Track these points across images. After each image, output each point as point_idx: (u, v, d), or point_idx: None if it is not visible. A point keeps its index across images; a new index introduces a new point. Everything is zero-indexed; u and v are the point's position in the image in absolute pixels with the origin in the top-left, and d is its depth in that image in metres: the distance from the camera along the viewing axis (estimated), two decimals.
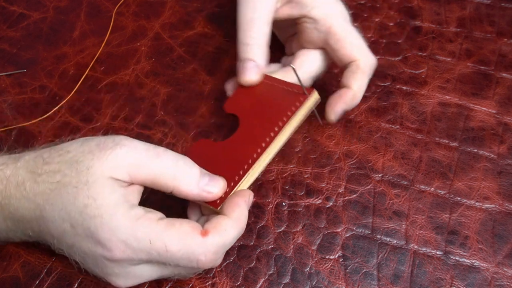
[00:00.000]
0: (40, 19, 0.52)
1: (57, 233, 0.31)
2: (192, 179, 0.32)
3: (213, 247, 0.31)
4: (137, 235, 0.30)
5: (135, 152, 0.31)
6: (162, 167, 0.32)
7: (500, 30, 0.50)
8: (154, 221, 0.30)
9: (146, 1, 0.53)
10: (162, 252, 0.30)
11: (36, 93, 0.47)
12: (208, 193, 0.33)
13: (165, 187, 0.32)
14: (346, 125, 0.44)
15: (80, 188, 0.30)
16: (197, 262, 0.31)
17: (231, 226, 0.32)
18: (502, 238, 0.38)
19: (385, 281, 0.37)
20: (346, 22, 0.41)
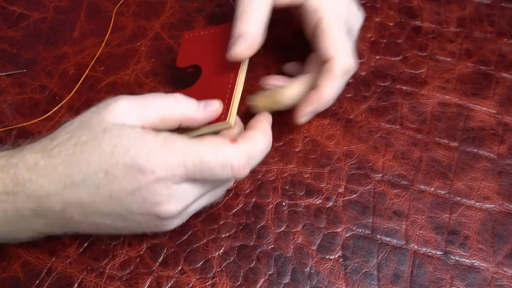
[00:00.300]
0: (40, 19, 0.52)
1: (90, 194, 0.31)
2: (193, 105, 0.35)
3: (245, 151, 0.33)
4: (171, 152, 0.31)
5: (135, 99, 0.33)
6: (165, 103, 0.34)
7: (500, 30, 0.50)
8: (184, 138, 0.32)
9: (146, 1, 0.53)
10: (197, 162, 0.31)
11: (36, 93, 0.47)
12: (212, 111, 0.35)
13: (173, 120, 0.34)
14: (346, 125, 0.44)
15: (101, 137, 0.31)
16: (231, 168, 0.32)
17: (258, 135, 0.34)
18: (502, 238, 0.38)
19: (385, 281, 0.37)
20: (338, 19, 0.39)
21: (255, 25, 0.38)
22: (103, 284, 0.36)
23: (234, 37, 0.38)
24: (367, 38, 0.50)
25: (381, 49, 0.49)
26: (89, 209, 0.32)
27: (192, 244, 0.38)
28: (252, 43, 0.38)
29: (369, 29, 0.51)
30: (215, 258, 0.38)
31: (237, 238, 0.39)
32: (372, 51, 0.49)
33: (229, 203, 0.40)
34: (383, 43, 0.50)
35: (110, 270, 0.37)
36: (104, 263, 0.37)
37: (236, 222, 0.39)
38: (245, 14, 0.38)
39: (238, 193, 0.41)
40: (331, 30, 0.38)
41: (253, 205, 0.40)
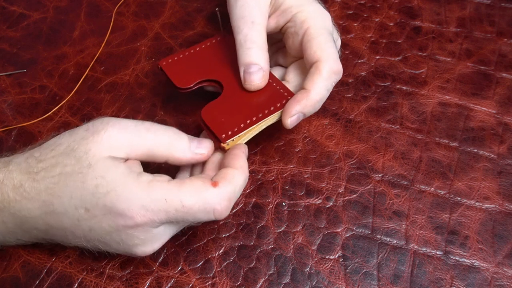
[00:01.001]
0: (40, 19, 0.52)
1: (71, 224, 0.32)
2: (184, 144, 0.34)
3: (226, 194, 0.32)
4: (152, 197, 0.31)
5: (126, 130, 0.33)
6: (155, 139, 0.33)
7: (500, 30, 0.50)
8: (165, 182, 0.32)
9: (146, 1, 0.53)
10: (179, 208, 0.31)
11: (36, 93, 0.47)
12: (200, 154, 0.35)
13: (160, 157, 0.34)
14: (346, 125, 0.44)
15: (85, 172, 0.31)
16: (213, 212, 0.32)
17: (237, 174, 0.34)
18: (502, 238, 0.38)
19: (385, 281, 0.37)
20: (324, 29, 0.39)
21: (262, 51, 0.39)
22: (103, 284, 0.36)
23: (246, 67, 0.39)
24: (367, 38, 0.50)
25: (381, 49, 0.49)
26: (70, 234, 0.33)
27: (192, 244, 0.38)
28: (265, 72, 0.39)
29: (369, 29, 0.51)
30: (215, 258, 0.38)
31: (237, 238, 0.39)
32: (372, 51, 0.49)
33: None
34: (383, 43, 0.50)
35: (110, 270, 0.37)
36: (104, 263, 0.37)
37: (236, 222, 0.39)
38: (248, 42, 0.38)
39: None
40: (319, 36, 0.39)
41: (253, 205, 0.40)
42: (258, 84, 0.39)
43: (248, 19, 0.39)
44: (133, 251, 0.33)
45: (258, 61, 0.39)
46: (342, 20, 0.51)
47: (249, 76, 0.39)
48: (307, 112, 0.38)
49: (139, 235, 0.32)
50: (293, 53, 0.41)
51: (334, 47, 0.39)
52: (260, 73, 0.39)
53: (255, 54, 0.39)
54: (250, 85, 0.39)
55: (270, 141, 0.43)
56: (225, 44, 0.43)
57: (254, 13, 0.39)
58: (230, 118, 0.38)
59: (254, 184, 0.41)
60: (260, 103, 0.39)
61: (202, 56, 0.43)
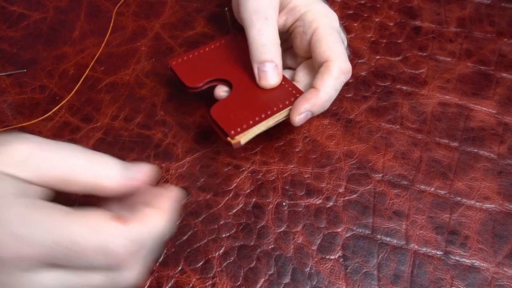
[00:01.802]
0: (40, 19, 0.52)
1: None
2: (114, 169, 0.27)
3: (134, 236, 0.25)
4: (34, 224, 0.23)
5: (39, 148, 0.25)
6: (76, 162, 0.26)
7: (500, 30, 0.50)
8: (58, 210, 0.24)
9: (146, 1, 0.53)
10: (69, 245, 0.23)
11: (36, 93, 0.47)
12: (135, 180, 0.27)
13: (82, 184, 0.26)
14: (346, 125, 0.44)
15: None
16: (115, 256, 0.24)
17: (158, 216, 0.27)
18: (502, 238, 0.38)
19: (385, 281, 0.37)
20: (332, 28, 0.39)
21: (276, 48, 0.38)
22: None
23: (261, 65, 0.38)
24: (367, 38, 0.50)
25: (381, 49, 0.49)
26: None
27: (192, 244, 0.38)
28: (280, 69, 0.39)
29: (369, 29, 0.51)
30: (215, 258, 0.38)
31: (237, 238, 0.39)
32: (372, 51, 0.49)
33: (229, 203, 0.40)
34: (383, 43, 0.50)
35: None
36: None
37: (236, 222, 0.39)
38: (261, 38, 0.38)
39: (238, 193, 0.41)
40: (328, 36, 0.39)
41: (253, 205, 0.40)
42: (273, 82, 0.39)
43: (262, 14, 0.38)
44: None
45: (273, 58, 0.38)
46: (342, 20, 0.51)
47: (265, 74, 0.38)
48: (316, 110, 0.38)
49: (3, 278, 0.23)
50: (301, 53, 0.41)
51: (343, 46, 0.39)
52: (275, 71, 0.39)
53: (270, 51, 0.38)
54: (265, 83, 0.39)
55: (270, 141, 0.43)
56: (234, 44, 0.43)
57: (268, 9, 0.39)
58: (239, 115, 0.38)
59: (254, 184, 0.41)
60: (269, 101, 0.39)
61: (211, 56, 0.43)
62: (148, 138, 0.44)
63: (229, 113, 0.38)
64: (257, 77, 0.39)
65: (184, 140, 0.44)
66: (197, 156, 0.43)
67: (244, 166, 0.42)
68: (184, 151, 0.43)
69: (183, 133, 0.44)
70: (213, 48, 0.43)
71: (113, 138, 0.44)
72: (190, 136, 0.44)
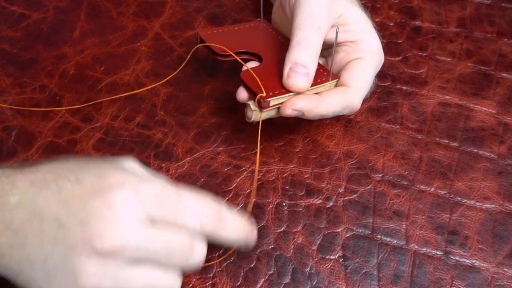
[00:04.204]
0: (40, 19, 0.52)
1: None
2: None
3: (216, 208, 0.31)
4: None
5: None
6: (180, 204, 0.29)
7: (500, 30, 0.50)
8: None
9: (146, 1, 0.53)
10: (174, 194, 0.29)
11: (36, 93, 0.47)
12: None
13: None
14: (346, 125, 0.44)
15: None
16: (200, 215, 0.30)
17: None
18: (502, 238, 0.38)
19: (385, 281, 0.37)
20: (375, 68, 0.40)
21: (315, 58, 0.38)
22: None
23: (294, 65, 0.37)
24: None
25: None
26: None
27: None
28: (310, 78, 0.37)
29: None
30: (215, 258, 0.38)
31: None
32: None
33: (229, 203, 0.40)
34: (383, 43, 0.49)
35: None
36: None
37: None
38: (306, 42, 0.37)
39: (238, 193, 0.41)
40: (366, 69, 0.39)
41: (254, 205, 0.40)
42: (300, 87, 0.37)
43: (316, 21, 0.37)
44: None
45: (309, 64, 0.37)
46: None
47: (295, 75, 0.37)
48: (307, 114, 0.37)
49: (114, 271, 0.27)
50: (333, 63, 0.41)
51: (368, 87, 0.39)
52: (306, 77, 0.37)
53: (309, 57, 0.37)
54: (292, 84, 0.37)
55: (270, 141, 0.43)
56: (263, 29, 0.43)
57: (324, 19, 0.38)
58: (269, 83, 0.37)
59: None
60: None
61: (240, 33, 0.43)
62: (148, 138, 0.44)
63: (259, 79, 0.37)
64: (285, 75, 0.37)
65: (184, 140, 0.44)
66: (197, 156, 0.43)
67: (244, 166, 0.42)
68: (184, 151, 0.43)
69: (183, 133, 0.44)
70: (242, 28, 0.43)
71: (113, 138, 0.44)
72: (190, 136, 0.44)
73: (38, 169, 0.30)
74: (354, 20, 0.40)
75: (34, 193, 0.29)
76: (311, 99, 0.37)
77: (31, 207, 0.28)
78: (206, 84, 0.47)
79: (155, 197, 0.28)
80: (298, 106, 0.37)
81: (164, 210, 0.29)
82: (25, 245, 0.28)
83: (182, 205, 0.29)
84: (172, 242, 0.29)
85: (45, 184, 0.29)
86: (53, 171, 0.30)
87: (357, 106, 0.39)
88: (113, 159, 0.31)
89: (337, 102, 0.38)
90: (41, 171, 0.30)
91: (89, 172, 0.29)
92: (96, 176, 0.29)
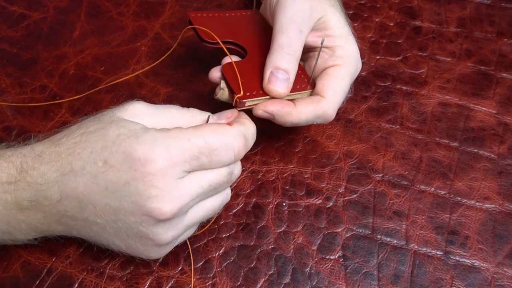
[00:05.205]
0: (40, 19, 0.52)
1: (86, 184, 0.31)
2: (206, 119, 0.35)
3: (242, 132, 0.34)
4: (175, 138, 0.31)
5: (150, 106, 0.34)
6: (179, 114, 0.34)
7: (500, 30, 0.50)
8: (184, 127, 0.33)
9: (146, 1, 0.53)
10: (203, 145, 0.31)
11: (36, 93, 0.47)
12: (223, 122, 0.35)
13: None
14: (346, 125, 0.44)
15: (108, 127, 0.32)
16: (233, 148, 0.33)
17: (248, 122, 0.35)
18: (502, 238, 0.38)
19: (385, 281, 0.37)
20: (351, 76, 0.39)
21: (296, 63, 0.38)
22: (103, 284, 0.36)
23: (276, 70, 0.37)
24: (367, 38, 0.50)
25: (381, 49, 0.49)
26: (83, 202, 0.32)
27: (192, 244, 0.38)
28: (290, 84, 0.37)
29: (369, 29, 0.51)
30: (215, 258, 0.38)
31: (237, 238, 0.39)
32: (372, 51, 0.49)
33: (230, 203, 0.40)
34: (383, 43, 0.50)
35: (110, 270, 0.37)
36: (104, 263, 0.37)
37: (236, 222, 0.39)
38: (289, 47, 0.37)
39: (238, 193, 0.41)
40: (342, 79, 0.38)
41: (254, 205, 0.40)
42: (280, 92, 0.37)
43: (298, 25, 0.37)
44: (148, 207, 0.30)
45: (290, 70, 0.37)
46: None
47: (276, 80, 0.37)
48: (278, 119, 0.37)
49: (158, 184, 0.30)
50: (306, 67, 0.41)
51: (343, 97, 0.39)
52: (286, 82, 0.37)
53: (290, 62, 0.37)
54: (272, 90, 0.37)
55: (271, 141, 0.43)
56: (254, 20, 0.43)
57: (305, 22, 0.38)
58: (249, 82, 0.37)
59: (254, 184, 0.41)
60: None
61: (232, 21, 0.42)
62: None
63: (240, 75, 0.37)
64: (266, 80, 0.37)
65: None
66: None
67: (244, 166, 0.42)
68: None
69: None
70: (234, 16, 0.43)
71: None
72: None
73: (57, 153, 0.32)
74: (332, 24, 0.39)
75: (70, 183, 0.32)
76: (285, 106, 0.37)
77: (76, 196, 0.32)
78: (206, 84, 0.47)
79: (186, 154, 0.31)
80: (270, 109, 0.37)
81: (198, 163, 0.32)
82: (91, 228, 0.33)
83: (211, 150, 0.32)
84: (214, 180, 0.33)
85: (74, 172, 0.32)
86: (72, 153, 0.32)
87: (331, 117, 0.38)
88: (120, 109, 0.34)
89: (310, 112, 0.37)
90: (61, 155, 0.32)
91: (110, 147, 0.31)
92: (122, 154, 0.31)
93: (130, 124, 0.32)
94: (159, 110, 0.34)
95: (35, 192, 0.32)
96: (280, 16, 0.38)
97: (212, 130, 0.33)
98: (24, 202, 0.32)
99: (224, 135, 0.33)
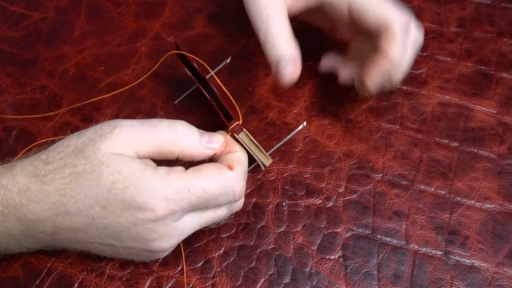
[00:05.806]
0: (40, 19, 0.52)
1: (84, 224, 0.31)
2: (194, 139, 0.34)
3: (241, 175, 0.34)
4: (174, 188, 0.31)
5: (133, 129, 0.32)
6: (163, 136, 0.33)
7: (500, 30, 0.50)
8: (183, 172, 0.32)
9: (146, 1, 0.53)
10: (202, 195, 0.32)
11: (36, 93, 0.47)
12: (212, 149, 0.35)
13: (171, 154, 0.33)
14: (346, 125, 0.44)
15: (99, 170, 0.31)
16: (233, 193, 0.33)
17: (243, 155, 0.35)
18: (502, 238, 0.38)
19: (385, 281, 0.37)
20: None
21: (286, 43, 0.36)
22: (103, 284, 0.36)
23: (275, 64, 0.36)
24: None
25: None
26: (80, 235, 0.32)
27: (192, 244, 0.38)
28: (296, 60, 0.36)
29: None
30: (215, 258, 0.38)
31: (237, 238, 0.39)
32: None
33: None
34: None
35: (110, 270, 0.37)
36: (104, 263, 0.37)
37: (236, 222, 0.39)
38: (270, 35, 0.36)
39: None
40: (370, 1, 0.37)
41: (253, 205, 0.40)
42: (291, 79, 0.36)
43: (263, 15, 0.37)
44: (149, 247, 0.32)
45: (285, 53, 0.36)
46: None
47: (281, 72, 0.36)
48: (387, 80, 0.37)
49: (158, 229, 0.31)
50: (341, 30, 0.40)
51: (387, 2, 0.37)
52: (289, 65, 0.36)
53: (279, 48, 0.36)
54: (283, 81, 0.36)
55: (271, 141, 0.43)
56: None
57: (268, 7, 0.37)
58: None
59: (254, 184, 0.41)
60: None
61: None
62: None
63: None
64: (276, 78, 0.37)
65: None
66: None
67: None
68: None
69: None
70: None
71: None
72: None
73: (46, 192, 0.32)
74: None
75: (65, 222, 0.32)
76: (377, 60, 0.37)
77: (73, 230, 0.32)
78: None
79: (185, 203, 0.32)
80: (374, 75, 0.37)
81: (198, 207, 0.33)
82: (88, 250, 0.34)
83: (210, 198, 0.32)
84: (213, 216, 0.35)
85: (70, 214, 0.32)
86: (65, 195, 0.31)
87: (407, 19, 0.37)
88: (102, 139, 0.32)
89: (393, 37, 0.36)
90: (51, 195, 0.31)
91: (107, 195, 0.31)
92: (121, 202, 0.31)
93: (123, 168, 0.31)
94: (141, 137, 0.32)
95: (27, 226, 0.32)
96: (249, 15, 0.38)
97: (213, 178, 0.32)
98: (15, 231, 0.33)
99: (225, 182, 0.33)
